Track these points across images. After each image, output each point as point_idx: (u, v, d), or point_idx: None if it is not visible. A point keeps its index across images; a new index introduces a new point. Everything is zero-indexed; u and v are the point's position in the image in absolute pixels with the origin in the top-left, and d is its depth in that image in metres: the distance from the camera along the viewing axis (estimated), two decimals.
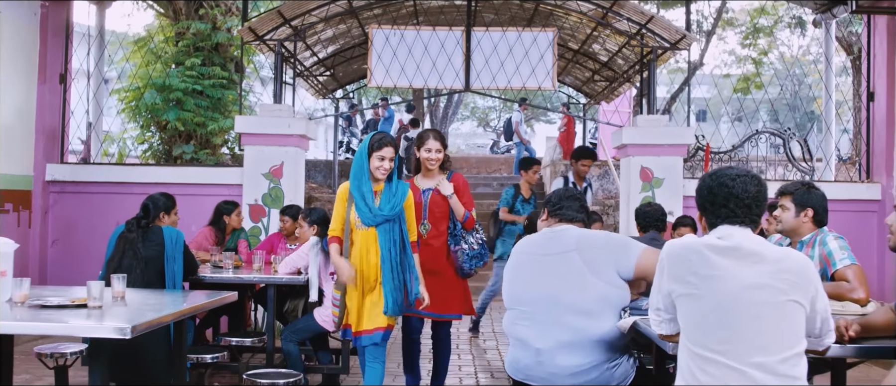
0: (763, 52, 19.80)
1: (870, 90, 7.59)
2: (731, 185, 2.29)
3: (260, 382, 3.50)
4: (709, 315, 2.15)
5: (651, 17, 7.37)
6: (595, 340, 2.97)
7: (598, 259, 3.02)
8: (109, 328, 2.65)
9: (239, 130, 7.33)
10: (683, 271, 2.22)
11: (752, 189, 2.26)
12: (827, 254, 3.64)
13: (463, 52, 7.77)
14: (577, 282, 3.01)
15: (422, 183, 4.69)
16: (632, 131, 7.40)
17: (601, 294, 2.99)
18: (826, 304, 2.25)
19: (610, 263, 3.01)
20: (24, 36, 7.11)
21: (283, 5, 7.34)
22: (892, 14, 7.21)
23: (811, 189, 3.80)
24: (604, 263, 3.02)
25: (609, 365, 2.98)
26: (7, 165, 6.94)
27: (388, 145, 4.09)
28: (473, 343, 7.27)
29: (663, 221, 5.19)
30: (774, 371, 2.06)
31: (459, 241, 4.61)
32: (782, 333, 2.10)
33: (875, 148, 7.54)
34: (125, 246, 4.32)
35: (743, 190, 2.27)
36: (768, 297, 2.11)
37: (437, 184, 4.60)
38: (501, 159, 19.69)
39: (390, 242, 4.02)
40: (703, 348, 2.14)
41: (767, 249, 2.20)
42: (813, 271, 2.21)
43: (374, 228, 4.03)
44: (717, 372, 2.09)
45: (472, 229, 4.66)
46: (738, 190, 2.28)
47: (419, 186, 4.67)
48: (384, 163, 4.08)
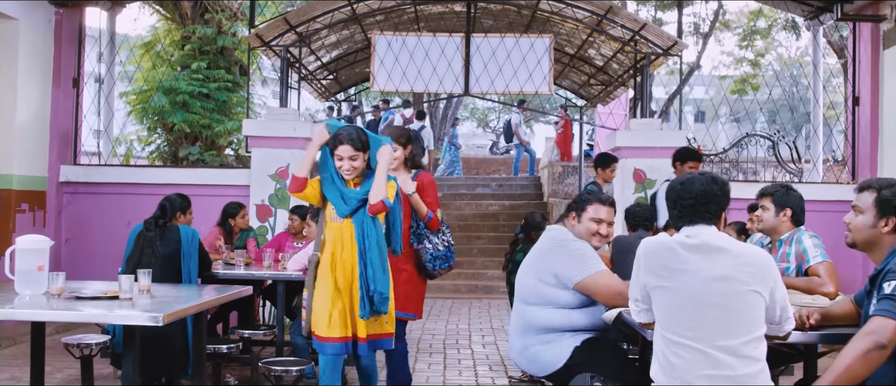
0: (760, 54, 20.09)
1: (855, 95, 7.87)
2: (679, 189, 2.59)
3: (275, 369, 3.79)
4: (679, 304, 2.42)
5: (644, 24, 7.65)
6: (531, 325, 3.46)
7: (542, 259, 3.50)
8: (144, 317, 2.92)
9: (246, 133, 7.60)
10: (657, 266, 2.50)
11: (695, 189, 2.55)
12: (802, 251, 3.93)
13: (463, 57, 8.04)
14: (528, 275, 3.52)
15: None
16: (625, 134, 7.67)
17: (535, 288, 3.47)
18: (784, 294, 2.52)
19: (548, 265, 3.45)
20: (39, 42, 7.38)
21: (288, 12, 7.62)
22: (876, 21, 7.48)
23: (789, 191, 4.09)
24: (544, 263, 3.48)
25: (541, 346, 3.43)
26: (23, 167, 7.21)
27: (343, 143, 3.63)
28: (472, 337, 7.54)
29: (651, 220, 5.47)
30: (737, 353, 2.34)
31: (423, 240, 4.41)
32: (744, 320, 2.37)
33: (860, 151, 7.81)
34: (144, 244, 4.58)
35: (686, 192, 2.56)
36: (731, 288, 2.38)
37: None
38: (500, 160, 19.92)
39: (366, 235, 3.65)
40: (675, 334, 2.41)
41: (731, 245, 2.47)
42: (772, 265, 2.48)
43: (349, 219, 3.68)
44: (686, 355, 2.37)
45: (438, 230, 4.45)
46: (682, 192, 2.57)
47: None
48: (344, 164, 3.67)
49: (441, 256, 4.45)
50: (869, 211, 2.73)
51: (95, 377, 4.58)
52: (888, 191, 2.71)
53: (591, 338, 3.43)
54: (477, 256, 12.05)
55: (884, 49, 7.43)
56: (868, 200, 2.74)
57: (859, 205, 2.77)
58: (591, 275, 3.35)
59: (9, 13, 6.84)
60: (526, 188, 15.30)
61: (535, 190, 15.08)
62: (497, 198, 14.63)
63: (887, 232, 2.70)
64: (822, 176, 8.77)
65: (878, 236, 2.71)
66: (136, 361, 3.02)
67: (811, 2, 8.13)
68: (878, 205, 2.70)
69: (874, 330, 2.41)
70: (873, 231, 2.72)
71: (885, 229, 2.70)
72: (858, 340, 2.42)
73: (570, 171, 13.68)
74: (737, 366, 2.34)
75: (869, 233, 2.73)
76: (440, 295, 10.61)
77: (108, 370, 5.38)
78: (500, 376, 5.84)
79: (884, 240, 2.71)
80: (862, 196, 2.77)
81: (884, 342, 2.39)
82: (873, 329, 2.42)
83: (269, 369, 3.80)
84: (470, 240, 12.66)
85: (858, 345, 2.41)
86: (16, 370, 5.61)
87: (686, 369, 2.36)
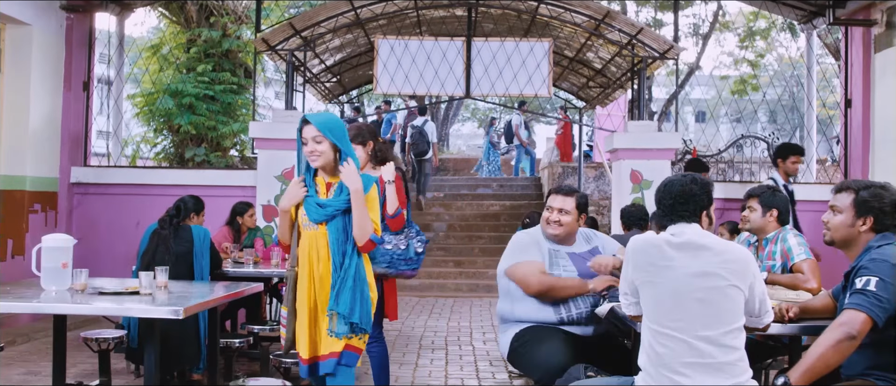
0: (760, 55, 20.23)
1: (847, 97, 8.06)
2: (661, 189, 2.80)
3: (286, 362, 3.98)
4: (664, 298, 2.61)
5: (640, 28, 7.84)
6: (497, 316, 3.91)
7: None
8: (165, 311, 3.12)
9: (253, 136, 7.80)
10: (644, 262, 2.69)
11: (675, 189, 2.75)
12: (787, 249, 4.12)
13: (464, 60, 8.23)
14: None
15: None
16: (623, 136, 7.86)
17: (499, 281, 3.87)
18: (763, 289, 2.71)
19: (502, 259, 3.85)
20: (51, 47, 7.58)
21: (294, 18, 7.81)
22: (867, 26, 7.66)
23: (775, 192, 4.29)
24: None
25: (500, 335, 3.87)
26: (36, 169, 7.41)
27: (307, 122, 3.24)
28: (473, 334, 7.72)
29: (645, 220, 5.66)
30: (717, 342, 2.54)
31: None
32: (724, 313, 2.56)
33: (852, 152, 7.99)
34: (158, 242, 4.78)
35: (667, 192, 2.77)
36: (713, 283, 2.57)
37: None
38: (501, 160, 20.05)
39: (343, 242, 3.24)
40: (660, 325, 2.60)
41: (713, 242, 2.66)
42: (751, 262, 2.66)
43: (323, 225, 3.25)
44: (670, 344, 2.56)
45: (401, 230, 4.11)
46: (664, 193, 2.78)
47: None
48: (308, 146, 3.24)
49: (405, 258, 4.10)
50: (847, 211, 2.92)
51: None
52: (865, 192, 2.89)
53: (531, 327, 3.69)
54: (478, 255, 12.23)
55: (875, 53, 7.62)
56: (846, 201, 2.92)
57: (837, 205, 2.96)
58: (512, 264, 3.69)
59: (23, 19, 7.04)
60: (526, 188, 15.47)
61: (536, 190, 15.25)
62: (498, 198, 14.82)
63: (864, 230, 2.89)
64: (816, 176, 8.95)
65: (856, 235, 2.90)
66: (156, 353, 3.21)
67: (804, 6, 8.31)
68: (856, 205, 2.89)
69: (846, 322, 2.61)
70: (852, 230, 2.91)
71: (863, 228, 2.88)
72: (831, 331, 2.62)
73: (570, 171, 13.85)
74: (717, 354, 2.53)
75: (847, 231, 2.92)
76: (442, 294, 10.80)
77: (122, 365, 5.56)
78: (500, 371, 6.02)
79: (861, 238, 2.90)
80: (840, 197, 2.96)
81: (853, 333, 2.58)
82: (845, 321, 2.61)
83: (279, 362, 3.99)
84: (471, 239, 12.85)
85: (831, 335, 2.60)
86: (32, 365, 5.80)
87: (670, 357, 2.55)
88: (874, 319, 2.60)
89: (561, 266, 3.73)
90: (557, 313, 3.66)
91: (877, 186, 2.91)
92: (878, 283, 2.64)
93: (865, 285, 2.65)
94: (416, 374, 5.85)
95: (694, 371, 2.52)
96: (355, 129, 4.07)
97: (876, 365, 2.76)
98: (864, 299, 2.62)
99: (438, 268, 11.73)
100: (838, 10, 7.94)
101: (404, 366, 6.13)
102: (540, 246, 3.78)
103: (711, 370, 2.52)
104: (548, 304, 3.65)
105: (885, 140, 7.42)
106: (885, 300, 2.62)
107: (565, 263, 3.74)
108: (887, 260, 2.69)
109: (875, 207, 2.86)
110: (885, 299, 2.62)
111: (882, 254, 2.73)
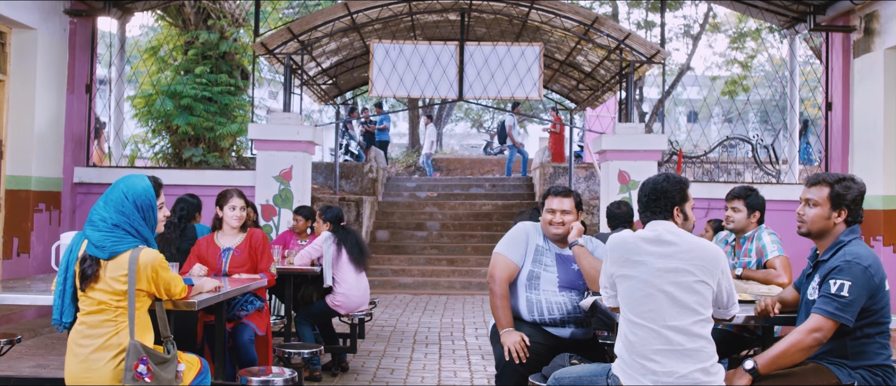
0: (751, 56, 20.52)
1: (828, 100, 8.33)
2: (640, 190, 3.07)
3: (289, 352, 4.22)
4: (637, 290, 2.85)
5: (628, 33, 8.09)
6: None
7: None
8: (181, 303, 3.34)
9: (252, 137, 8.02)
10: (620, 257, 2.93)
11: (648, 187, 3.03)
12: (761, 247, 4.38)
13: (457, 64, 8.47)
14: None
15: (222, 241, 4.65)
16: (611, 138, 8.11)
17: None
18: (730, 283, 2.94)
19: None
20: (55, 50, 7.78)
21: (292, 22, 8.03)
22: (847, 32, 7.94)
23: (757, 194, 4.53)
24: None
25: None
26: (40, 169, 7.61)
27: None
28: (465, 330, 7.95)
29: (631, 219, 5.89)
30: (686, 331, 2.77)
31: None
32: (692, 304, 2.80)
33: (832, 153, 8.27)
34: (164, 244, 4.99)
35: (642, 191, 3.05)
36: (682, 278, 2.81)
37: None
38: (494, 160, 20.26)
39: None
40: (633, 315, 2.84)
41: (682, 239, 2.89)
42: (720, 258, 2.89)
43: None
44: (642, 333, 2.80)
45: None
46: (641, 191, 3.06)
47: (219, 245, 4.62)
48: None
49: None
50: (824, 204, 3.13)
51: None
52: (839, 186, 3.12)
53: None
54: (470, 253, 12.47)
55: (854, 58, 7.89)
56: (822, 194, 3.13)
57: (813, 198, 3.15)
58: (498, 252, 3.81)
59: (28, 23, 7.24)
60: (518, 188, 15.70)
61: (528, 190, 15.49)
62: (490, 198, 15.06)
63: (839, 222, 3.12)
64: (798, 177, 9.22)
65: (831, 226, 3.12)
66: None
67: (787, 12, 8.59)
68: (832, 199, 3.11)
69: (818, 329, 2.88)
70: (827, 222, 3.13)
71: (837, 220, 3.11)
72: (805, 337, 2.88)
73: (561, 171, 14.10)
74: (685, 342, 2.77)
75: (824, 224, 3.13)
76: (436, 291, 11.05)
77: None
78: (491, 365, 6.25)
79: (835, 229, 3.12)
80: (814, 190, 3.16)
81: (824, 341, 2.89)
82: (818, 328, 2.88)
83: (283, 352, 4.23)
84: (464, 238, 13.10)
85: (804, 341, 2.88)
86: (40, 359, 6.01)
87: (642, 345, 2.80)
88: (846, 324, 2.88)
89: (543, 264, 3.81)
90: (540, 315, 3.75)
91: (848, 179, 3.13)
92: (850, 288, 2.88)
93: (839, 290, 2.89)
94: (411, 367, 6.08)
95: (664, 357, 2.77)
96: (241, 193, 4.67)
97: (830, 351, 3.01)
98: (837, 307, 2.87)
99: (432, 266, 11.98)
100: (819, 17, 8.22)
101: (399, 359, 6.36)
102: (529, 242, 3.86)
103: (680, 356, 2.76)
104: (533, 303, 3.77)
105: (863, 142, 7.69)
106: (855, 303, 2.88)
107: (548, 263, 3.83)
108: (860, 263, 2.92)
109: (848, 199, 3.09)
110: (856, 301, 2.88)
111: (855, 255, 2.95)
